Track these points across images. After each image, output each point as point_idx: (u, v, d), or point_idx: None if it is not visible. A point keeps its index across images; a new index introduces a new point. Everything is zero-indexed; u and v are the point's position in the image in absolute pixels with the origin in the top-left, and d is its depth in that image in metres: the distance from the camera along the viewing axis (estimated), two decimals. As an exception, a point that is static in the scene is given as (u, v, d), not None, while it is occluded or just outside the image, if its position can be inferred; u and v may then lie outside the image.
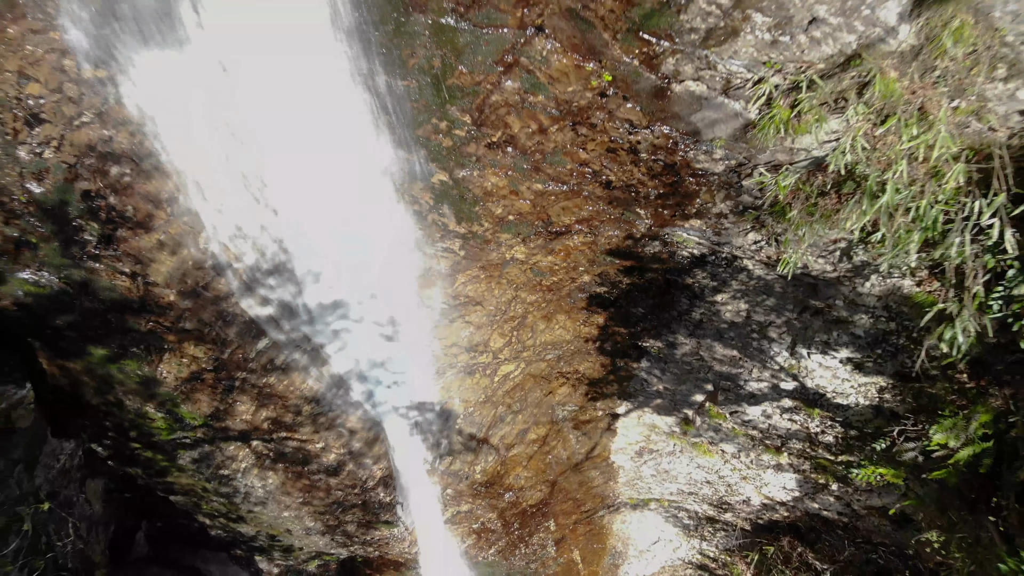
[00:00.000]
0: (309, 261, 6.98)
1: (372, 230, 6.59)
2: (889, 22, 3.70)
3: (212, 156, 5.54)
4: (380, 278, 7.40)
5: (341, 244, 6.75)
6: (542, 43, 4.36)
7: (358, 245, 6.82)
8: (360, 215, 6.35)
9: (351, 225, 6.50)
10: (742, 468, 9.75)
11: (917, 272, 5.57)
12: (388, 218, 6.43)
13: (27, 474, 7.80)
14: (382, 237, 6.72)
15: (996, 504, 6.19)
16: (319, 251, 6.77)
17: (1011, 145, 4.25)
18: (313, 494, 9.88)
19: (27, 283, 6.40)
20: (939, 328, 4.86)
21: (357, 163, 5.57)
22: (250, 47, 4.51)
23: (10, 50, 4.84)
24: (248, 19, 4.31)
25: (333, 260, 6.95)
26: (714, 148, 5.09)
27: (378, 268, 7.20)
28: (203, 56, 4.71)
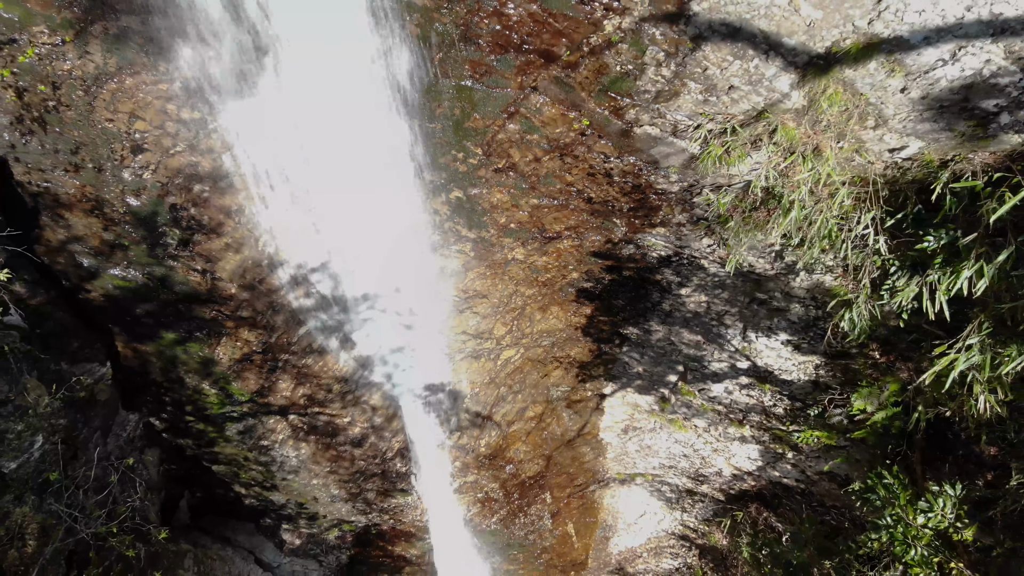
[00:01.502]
0: (347, 261, 8.43)
1: (401, 235, 8.03)
2: (783, 90, 5.15)
3: (275, 179, 6.98)
4: (404, 275, 8.85)
5: (375, 246, 8.20)
6: (536, 99, 5.81)
7: (389, 247, 8.26)
8: (392, 223, 7.79)
9: (384, 231, 7.94)
10: (712, 441, 11.19)
11: (834, 270, 7.03)
12: (414, 225, 7.88)
13: (102, 440, 9.25)
14: (408, 241, 8.16)
15: (904, 455, 7.64)
16: (357, 252, 8.22)
17: (885, 174, 5.71)
18: (339, 463, 11.32)
19: (117, 278, 7.85)
20: (842, 312, 6.31)
21: (392, 183, 7.02)
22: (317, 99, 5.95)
23: (126, 96, 6.28)
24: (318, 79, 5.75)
25: (367, 260, 8.40)
26: (670, 173, 6.55)
27: (403, 266, 8.65)
28: (276, 106, 6.15)
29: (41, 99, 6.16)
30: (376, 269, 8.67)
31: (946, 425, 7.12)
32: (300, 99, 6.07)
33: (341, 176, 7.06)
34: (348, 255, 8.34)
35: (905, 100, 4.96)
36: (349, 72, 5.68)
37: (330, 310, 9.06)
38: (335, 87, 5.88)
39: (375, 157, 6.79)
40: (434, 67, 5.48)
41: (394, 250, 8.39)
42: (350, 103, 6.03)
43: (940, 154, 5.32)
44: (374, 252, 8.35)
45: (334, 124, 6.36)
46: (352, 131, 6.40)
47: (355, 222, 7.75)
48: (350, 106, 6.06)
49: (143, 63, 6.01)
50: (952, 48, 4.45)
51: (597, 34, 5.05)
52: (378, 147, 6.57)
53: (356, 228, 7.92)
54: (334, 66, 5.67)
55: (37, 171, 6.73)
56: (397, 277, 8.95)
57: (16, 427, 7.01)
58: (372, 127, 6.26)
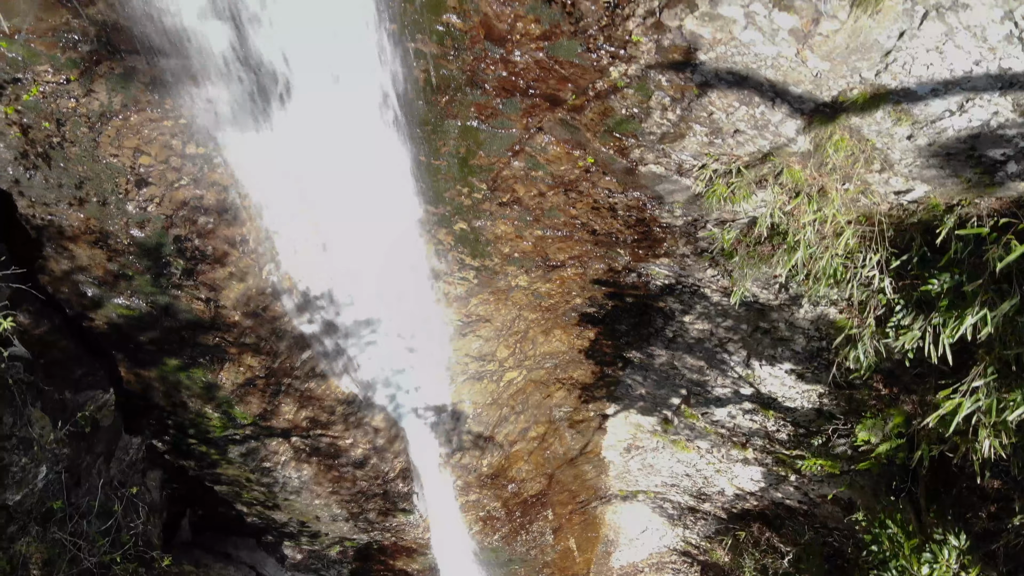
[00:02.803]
0: (350, 288, 8.44)
1: (404, 264, 8.04)
2: (789, 135, 5.15)
3: (282, 211, 6.99)
4: (407, 301, 8.85)
5: (379, 274, 8.20)
6: (541, 138, 5.81)
7: (392, 275, 8.26)
8: (396, 253, 7.79)
9: (388, 260, 7.94)
10: (715, 462, 11.19)
11: (838, 303, 7.02)
12: (418, 254, 7.89)
13: (105, 465, 9.25)
14: (412, 269, 8.17)
15: (908, 489, 7.64)
16: (360, 280, 8.22)
17: (890, 214, 5.71)
18: (341, 484, 11.32)
19: (120, 307, 7.85)
20: (846, 349, 6.31)
21: (398, 214, 7.02)
22: (322, 136, 5.96)
23: (131, 132, 6.28)
24: (324, 119, 5.76)
25: (371, 287, 8.40)
26: (674, 208, 6.55)
27: (407, 293, 8.65)
28: (282, 140, 6.15)
29: (45, 135, 6.16)
30: (379, 296, 8.67)
31: (949, 459, 7.11)
32: (306, 137, 6.08)
33: (345, 209, 7.06)
34: (352, 283, 8.34)
35: (911, 146, 4.96)
36: (355, 113, 5.68)
37: (333, 335, 9.06)
38: (340, 127, 5.88)
39: (379, 191, 6.79)
40: (440, 109, 5.48)
41: (398, 278, 8.39)
42: (355, 142, 6.03)
43: (946, 198, 5.32)
44: (378, 280, 8.35)
45: (339, 161, 6.36)
46: (357, 167, 6.40)
47: (360, 253, 7.75)
48: (355, 145, 6.06)
49: (149, 100, 6.01)
50: (960, 100, 4.45)
51: (603, 80, 5.05)
52: (382, 182, 6.57)
53: (360, 258, 7.93)
54: (339, 106, 5.67)
55: (41, 205, 6.74)
56: (400, 303, 8.95)
57: (20, 460, 7.01)
58: (377, 164, 6.26)
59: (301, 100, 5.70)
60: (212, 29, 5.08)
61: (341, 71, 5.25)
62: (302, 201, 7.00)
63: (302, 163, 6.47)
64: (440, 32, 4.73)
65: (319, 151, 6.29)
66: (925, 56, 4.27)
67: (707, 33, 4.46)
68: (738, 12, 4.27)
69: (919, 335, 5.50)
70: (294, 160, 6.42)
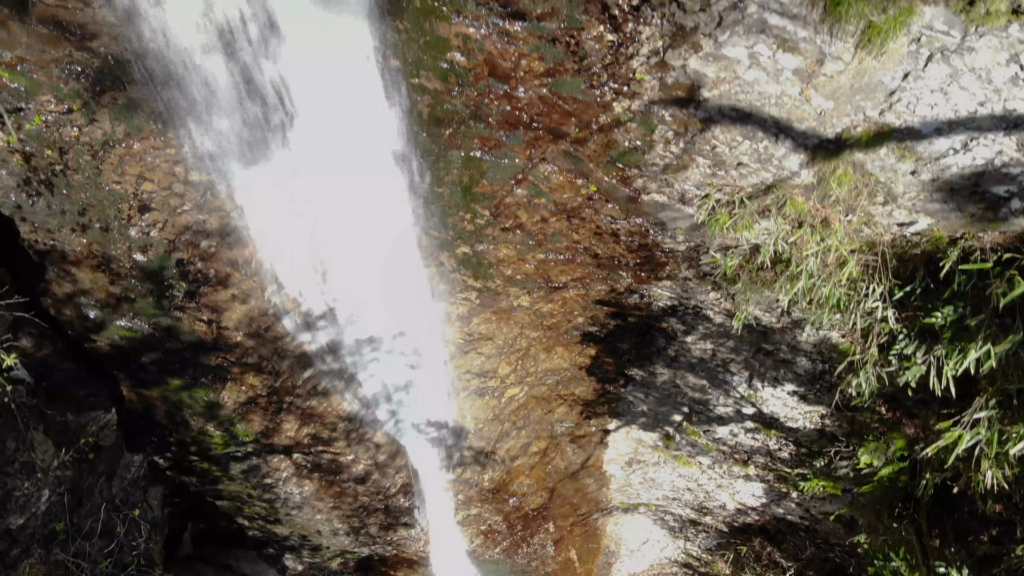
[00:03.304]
0: (352, 308, 8.43)
1: (407, 284, 8.03)
2: (793, 168, 5.15)
3: (285, 234, 6.99)
4: (410, 319, 8.85)
5: (381, 295, 8.19)
6: (544, 168, 5.81)
7: (394, 295, 8.26)
8: (399, 275, 7.80)
9: (391, 281, 7.94)
10: (717, 478, 11.18)
11: (841, 327, 7.02)
12: (420, 276, 7.88)
13: (107, 484, 9.25)
14: (414, 290, 8.17)
15: (911, 512, 7.64)
16: (363, 301, 8.22)
17: (894, 244, 5.71)
18: (343, 499, 11.31)
19: (123, 329, 7.85)
20: (848, 377, 6.31)
21: (401, 239, 7.02)
22: (327, 167, 5.96)
23: (134, 160, 6.28)
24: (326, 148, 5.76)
25: (373, 307, 8.40)
26: (676, 235, 6.55)
27: (409, 312, 8.65)
28: (285, 168, 6.15)
29: (48, 163, 6.16)
30: (381, 315, 8.67)
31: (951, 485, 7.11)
32: (309, 165, 6.08)
33: (348, 232, 7.06)
34: (354, 303, 8.34)
35: (915, 181, 4.96)
36: (357, 143, 5.68)
37: (336, 353, 9.05)
38: (342, 155, 5.88)
39: (381, 216, 6.79)
40: (443, 140, 5.48)
41: (400, 298, 8.38)
42: (356, 169, 6.03)
43: (949, 231, 5.32)
44: (379, 301, 8.35)
45: (342, 187, 6.36)
46: (360, 194, 6.40)
47: (361, 275, 7.75)
48: (357, 172, 6.06)
49: (152, 130, 6.01)
50: (964, 139, 4.45)
51: (606, 114, 5.05)
52: (384, 207, 6.57)
53: (362, 280, 7.93)
54: (342, 136, 5.67)
55: (44, 230, 6.74)
56: (402, 322, 8.94)
57: (23, 485, 7.01)
58: (379, 192, 6.26)
59: (304, 130, 5.70)
60: (215, 63, 5.08)
61: (344, 104, 5.25)
62: (305, 225, 7.00)
63: (305, 189, 6.47)
64: (444, 69, 4.73)
65: (322, 178, 6.29)
66: (930, 97, 4.27)
67: (711, 72, 4.46)
68: (742, 53, 4.27)
69: (923, 369, 5.50)
70: (297, 186, 6.42)
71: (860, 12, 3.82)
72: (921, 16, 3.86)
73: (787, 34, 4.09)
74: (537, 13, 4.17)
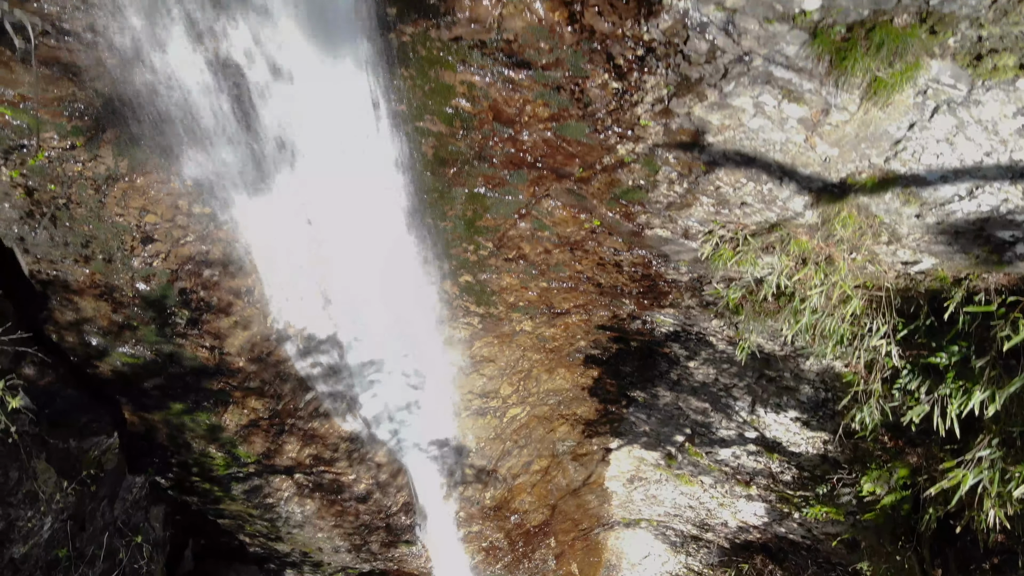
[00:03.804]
0: (355, 330, 8.43)
1: (409, 311, 8.03)
2: (797, 209, 5.14)
3: (287, 264, 6.99)
4: (411, 344, 8.84)
5: (384, 319, 8.19)
6: (548, 203, 5.80)
7: (397, 320, 8.26)
8: (401, 301, 7.79)
9: (393, 307, 7.94)
10: (719, 497, 11.18)
11: (844, 358, 7.01)
12: (422, 303, 7.88)
13: (109, 507, 9.24)
14: (416, 315, 8.16)
15: (914, 544, 7.63)
16: (365, 325, 8.22)
17: (897, 282, 5.70)
18: (344, 518, 11.31)
19: (125, 355, 7.84)
20: (851, 412, 6.30)
21: (404, 268, 7.02)
22: (330, 198, 5.96)
23: (137, 193, 6.27)
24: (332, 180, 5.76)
25: (374, 331, 8.39)
26: (680, 266, 6.54)
27: (411, 335, 8.65)
28: (288, 201, 6.15)
29: (51, 197, 6.16)
30: (383, 339, 8.67)
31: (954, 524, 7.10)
32: (312, 199, 6.08)
33: (350, 260, 7.06)
34: (355, 327, 8.33)
35: (920, 224, 4.95)
36: (360, 180, 5.68)
37: (338, 376, 9.04)
38: (346, 191, 5.88)
39: (383, 246, 6.79)
40: (447, 179, 5.47)
41: (402, 323, 8.38)
42: (359, 204, 6.03)
43: (954, 271, 5.31)
44: (381, 324, 8.35)
45: (345, 218, 6.35)
46: (362, 226, 6.39)
47: (364, 301, 7.75)
48: (361, 205, 6.06)
49: (155, 164, 6.00)
50: (969, 186, 4.44)
51: (610, 156, 5.04)
52: (386, 239, 6.57)
53: (364, 305, 7.93)
54: (346, 174, 5.67)
55: (47, 261, 6.73)
56: (405, 345, 8.94)
57: (26, 514, 7.00)
58: (380, 224, 6.26)
59: (307, 166, 5.70)
60: (219, 102, 5.07)
61: (347, 143, 5.24)
62: (308, 255, 6.99)
63: (307, 221, 6.46)
64: (449, 114, 4.72)
65: (324, 211, 6.29)
66: (935, 146, 4.26)
67: (715, 119, 4.46)
68: (747, 103, 4.26)
69: (927, 409, 5.49)
70: (299, 218, 6.42)
71: (866, 67, 3.82)
72: (928, 70, 3.85)
73: (792, 86, 4.08)
74: (542, 63, 4.17)
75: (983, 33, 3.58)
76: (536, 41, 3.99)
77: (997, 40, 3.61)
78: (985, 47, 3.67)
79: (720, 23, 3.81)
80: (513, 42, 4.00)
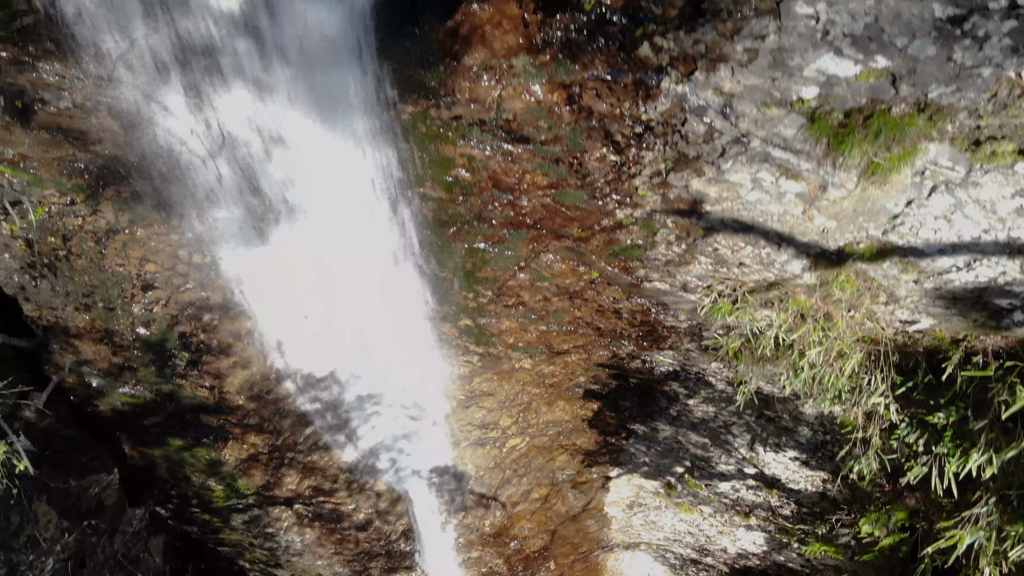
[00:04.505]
0: (354, 368, 8.45)
1: (408, 349, 8.05)
2: (795, 272, 5.15)
3: (286, 309, 7.01)
4: (411, 378, 8.86)
5: (382, 358, 8.21)
6: (547, 257, 5.82)
7: (396, 359, 8.28)
8: (402, 342, 7.81)
9: (393, 346, 7.96)
10: (718, 525, 11.18)
11: (844, 408, 7.01)
12: (422, 342, 7.90)
13: (109, 542, 9.27)
14: (415, 353, 8.18)
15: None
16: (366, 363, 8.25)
17: (896, 339, 5.71)
18: (344, 546, 11.32)
19: (125, 395, 7.85)
20: (849, 464, 6.31)
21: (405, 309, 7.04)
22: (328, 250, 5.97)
23: (137, 244, 6.29)
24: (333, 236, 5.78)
25: (375, 368, 8.41)
26: (679, 314, 6.55)
27: (410, 373, 8.66)
28: (288, 250, 6.17)
29: (51, 249, 6.17)
30: (383, 375, 8.69)
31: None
32: (313, 251, 6.09)
33: (351, 307, 7.08)
34: (355, 366, 8.36)
35: (918, 288, 4.96)
36: (359, 236, 5.69)
37: (337, 410, 9.06)
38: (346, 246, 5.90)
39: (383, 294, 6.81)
40: (447, 237, 5.49)
41: (402, 360, 8.40)
42: (361, 257, 6.05)
43: (952, 333, 5.32)
44: (380, 362, 8.37)
45: (346, 269, 6.38)
46: (362, 277, 6.41)
47: (364, 345, 7.78)
48: (361, 260, 6.08)
49: (156, 218, 6.01)
50: (967, 259, 4.45)
51: (609, 219, 5.06)
52: (387, 288, 6.59)
53: (363, 343, 7.95)
54: (347, 229, 5.69)
55: (48, 308, 6.74)
56: (404, 380, 8.96)
57: (28, 558, 7.02)
58: (382, 281, 6.28)
59: (308, 222, 5.71)
60: (221, 164, 5.09)
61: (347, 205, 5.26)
62: (309, 299, 7.01)
63: (308, 270, 6.49)
64: (449, 182, 4.74)
65: (325, 262, 6.31)
66: (933, 223, 4.27)
67: (713, 192, 4.47)
68: (745, 179, 4.27)
69: (924, 470, 5.50)
70: (302, 268, 6.45)
71: (864, 151, 3.83)
72: (926, 153, 3.86)
73: (790, 165, 4.09)
74: (541, 139, 4.18)
75: (982, 123, 3.59)
76: (535, 120, 4.00)
77: (996, 129, 3.62)
78: (984, 134, 3.68)
79: (718, 107, 3.83)
80: (512, 121, 4.01)
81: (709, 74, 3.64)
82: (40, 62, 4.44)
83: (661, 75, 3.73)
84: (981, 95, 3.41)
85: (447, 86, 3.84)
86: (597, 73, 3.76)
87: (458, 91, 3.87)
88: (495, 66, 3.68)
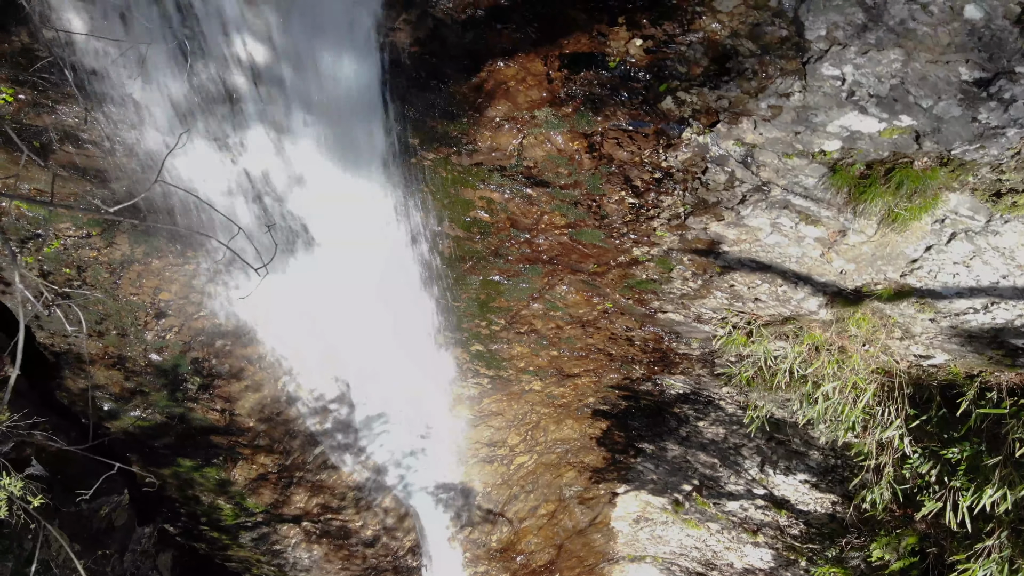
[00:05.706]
0: (363, 391, 8.46)
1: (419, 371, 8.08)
2: (811, 308, 5.17)
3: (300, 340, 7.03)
4: (420, 401, 8.88)
5: (393, 387, 8.23)
6: (561, 288, 5.83)
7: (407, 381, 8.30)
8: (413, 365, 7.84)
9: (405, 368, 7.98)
10: (725, 541, 11.19)
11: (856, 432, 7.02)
12: (433, 366, 7.92)
13: (119, 560, 9.28)
14: (426, 376, 8.20)
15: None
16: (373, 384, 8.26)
17: (910, 372, 5.72)
18: (351, 562, 11.33)
19: (136, 419, 7.87)
20: (861, 493, 6.32)
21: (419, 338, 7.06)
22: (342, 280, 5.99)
23: (152, 274, 6.30)
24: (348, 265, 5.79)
25: (383, 390, 8.43)
26: (692, 343, 6.56)
27: (420, 395, 8.68)
28: (300, 284, 6.18)
29: (66, 279, 6.18)
30: (391, 397, 8.71)
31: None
32: (325, 281, 6.10)
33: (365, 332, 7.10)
34: (364, 388, 8.38)
35: (934, 327, 4.97)
36: (374, 268, 5.71)
37: (346, 431, 9.08)
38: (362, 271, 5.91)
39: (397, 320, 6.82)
40: (463, 270, 5.50)
41: (412, 382, 8.42)
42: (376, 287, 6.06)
43: (967, 368, 5.33)
44: (391, 389, 8.39)
45: (360, 298, 6.39)
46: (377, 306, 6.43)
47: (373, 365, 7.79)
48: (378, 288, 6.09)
49: (171, 250, 6.03)
50: (984, 302, 4.47)
51: (625, 256, 5.07)
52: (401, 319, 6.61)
53: (374, 367, 7.97)
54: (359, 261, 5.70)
55: (60, 336, 6.76)
56: (413, 401, 8.98)
57: (39, 585, 7.02)
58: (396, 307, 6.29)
59: (325, 256, 5.73)
60: (238, 202, 5.10)
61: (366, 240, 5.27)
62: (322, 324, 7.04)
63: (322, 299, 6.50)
64: (467, 222, 4.75)
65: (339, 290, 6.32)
66: (952, 268, 4.29)
67: (731, 234, 4.48)
68: (765, 223, 4.29)
69: (939, 505, 5.51)
70: (313, 296, 6.46)
71: (885, 202, 3.84)
72: (946, 203, 3.87)
73: (810, 211, 4.11)
74: (560, 184, 4.19)
75: (1003, 177, 3.60)
76: (555, 166, 4.01)
77: (1019, 182, 3.63)
78: (1005, 187, 3.69)
79: (739, 156, 3.84)
80: (533, 167, 4.03)
81: (731, 126, 3.66)
82: (60, 105, 4.45)
83: (683, 126, 3.75)
84: (1004, 152, 3.43)
85: (469, 135, 3.85)
86: (619, 123, 3.77)
87: (479, 139, 3.88)
88: (518, 117, 3.69)
